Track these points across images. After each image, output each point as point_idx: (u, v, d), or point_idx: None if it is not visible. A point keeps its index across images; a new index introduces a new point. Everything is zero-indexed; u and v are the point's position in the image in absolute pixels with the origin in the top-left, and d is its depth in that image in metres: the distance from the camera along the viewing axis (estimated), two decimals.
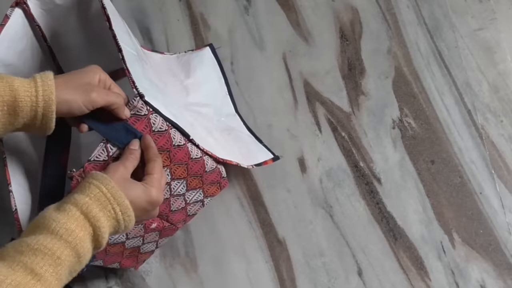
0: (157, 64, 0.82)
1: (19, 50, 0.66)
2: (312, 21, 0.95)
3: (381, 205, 0.84)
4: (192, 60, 0.88)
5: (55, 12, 0.68)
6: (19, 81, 0.49)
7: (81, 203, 0.48)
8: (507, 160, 0.85)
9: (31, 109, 0.49)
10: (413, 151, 0.87)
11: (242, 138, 0.85)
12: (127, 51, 0.60)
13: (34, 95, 0.49)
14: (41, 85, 0.50)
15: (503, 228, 0.82)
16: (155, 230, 0.71)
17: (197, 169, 0.69)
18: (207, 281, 0.82)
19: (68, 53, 0.74)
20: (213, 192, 0.75)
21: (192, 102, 0.82)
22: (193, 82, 0.84)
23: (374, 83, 0.91)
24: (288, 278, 0.82)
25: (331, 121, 0.89)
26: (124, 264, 0.77)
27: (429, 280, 0.80)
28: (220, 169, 0.73)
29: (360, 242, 0.83)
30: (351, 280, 0.81)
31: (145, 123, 0.58)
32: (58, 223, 0.45)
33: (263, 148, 0.86)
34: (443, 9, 0.93)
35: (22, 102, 0.49)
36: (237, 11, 0.97)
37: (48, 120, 0.51)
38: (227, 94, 0.89)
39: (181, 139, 0.64)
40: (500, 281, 0.80)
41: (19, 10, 0.64)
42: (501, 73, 0.89)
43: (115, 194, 0.50)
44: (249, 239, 0.84)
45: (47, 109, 0.50)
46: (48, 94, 0.50)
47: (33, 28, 0.67)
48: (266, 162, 0.82)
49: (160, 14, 0.97)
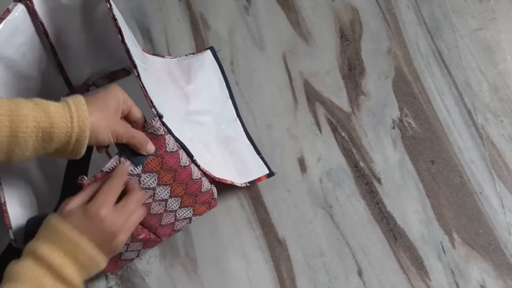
0: (158, 69, 0.82)
1: (17, 44, 0.65)
2: (312, 21, 0.95)
3: (381, 205, 0.84)
4: (193, 65, 0.88)
5: (59, 10, 0.68)
6: (53, 106, 0.49)
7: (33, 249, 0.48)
8: (507, 160, 0.85)
9: (65, 135, 0.49)
10: (413, 151, 0.87)
11: (239, 151, 0.85)
12: (138, 65, 0.60)
13: (69, 121, 0.49)
14: (75, 110, 0.49)
15: (503, 228, 0.82)
16: (141, 240, 0.72)
17: (194, 189, 0.70)
18: (207, 281, 0.82)
19: (69, 51, 0.74)
20: (202, 211, 0.76)
21: (192, 110, 0.83)
22: (194, 88, 0.85)
23: (374, 83, 0.91)
24: (288, 278, 0.82)
25: (331, 121, 0.89)
26: (105, 269, 0.77)
27: (429, 280, 0.80)
28: (213, 190, 0.75)
29: (360, 242, 0.83)
30: (351, 280, 0.81)
31: (161, 143, 0.59)
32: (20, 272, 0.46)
33: (260, 161, 0.86)
34: (443, 9, 0.93)
35: (57, 129, 0.48)
36: (237, 11, 0.97)
37: (81, 146, 0.50)
38: (229, 98, 0.89)
39: (186, 160, 0.65)
40: (500, 281, 0.80)
41: (21, 5, 0.64)
42: (501, 73, 0.89)
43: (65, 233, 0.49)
44: (249, 239, 0.84)
45: (81, 135, 0.50)
46: (82, 120, 0.49)
47: (35, 24, 0.67)
48: (260, 179, 0.83)
49: (160, 14, 0.97)
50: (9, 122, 0.46)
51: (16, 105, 0.47)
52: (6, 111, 0.46)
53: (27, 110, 0.47)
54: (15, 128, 0.46)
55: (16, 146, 0.47)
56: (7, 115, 0.46)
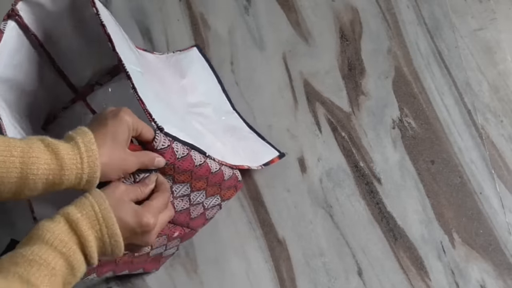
0: (152, 65, 0.82)
1: (16, 63, 0.65)
2: (312, 21, 0.95)
3: (381, 205, 0.84)
4: (181, 61, 0.88)
5: (48, 18, 0.67)
6: (63, 147, 0.48)
7: (72, 218, 0.47)
8: (507, 160, 0.85)
9: (76, 177, 0.49)
10: (413, 151, 0.87)
11: (245, 137, 0.86)
12: (133, 71, 0.59)
13: (80, 163, 0.48)
14: (85, 151, 0.49)
15: (503, 228, 0.82)
16: (177, 237, 0.73)
17: (217, 179, 0.70)
18: (207, 281, 0.82)
19: (67, 56, 0.74)
20: (230, 195, 0.77)
21: (192, 102, 0.83)
22: (189, 81, 0.85)
23: (374, 83, 0.91)
24: (288, 278, 0.82)
25: (331, 121, 0.89)
26: (147, 268, 0.79)
27: (429, 280, 0.80)
28: (236, 174, 0.75)
29: (360, 242, 0.83)
30: (351, 280, 0.81)
31: (170, 153, 0.59)
32: (52, 234, 0.45)
33: (267, 145, 0.86)
34: (443, 9, 0.93)
35: (68, 171, 0.48)
36: (237, 11, 0.97)
37: (92, 185, 0.50)
38: (222, 91, 0.90)
39: (201, 158, 0.65)
40: (500, 281, 0.80)
41: (12, 22, 0.63)
42: (501, 73, 0.89)
43: (106, 215, 0.49)
44: (249, 239, 0.84)
45: (91, 176, 0.49)
46: (93, 161, 0.49)
47: (28, 37, 0.67)
48: (273, 161, 0.84)
49: (160, 14, 0.97)
50: (20, 163, 0.46)
51: (28, 147, 0.46)
52: (19, 152, 0.46)
53: (39, 153, 0.47)
54: (26, 170, 0.46)
55: (26, 187, 0.47)
56: (19, 157, 0.46)
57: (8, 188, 0.47)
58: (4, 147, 0.45)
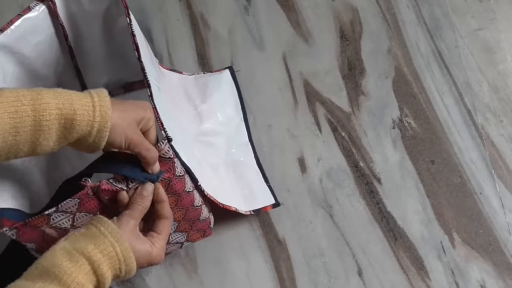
0: (173, 85, 0.81)
1: (34, 42, 0.65)
2: (312, 21, 0.95)
3: (381, 205, 0.84)
4: (209, 83, 0.88)
5: (82, 16, 0.68)
6: (75, 95, 0.48)
7: (94, 258, 0.47)
8: (507, 160, 0.85)
9: (87, 123, 0.48)
10: (413, 151, 0.87)
11: (247, 177, 0.85)
12: (152, 83, 0.60)
13: (92, 110, 0.48)
14: (98, 100, 0.49)
15: (503, 228, 0.82)
16: None
17: (193, 215, 0.70)
18: (207, 281, 0.82)
19: (87, 57, 0.74)
20: (195, 238, 0.76)
21: (204, 130, 0.83)
22: (208, 108, 0.85)
23: (374, 83, 0.91)
24: (288, 278, 0.82)
25: (331, 121, 0.89)
26: None
27: (429, 280, 0.80)
28: (210, 220, 0.75)
29: (360, 242, 0.83)
30: (351, 280, 0.81)
31: (169, 166, 0.59)
32: (70, 276, 0.45)
33: (267, 190, 0.85)
34: (443, 9, 0.93)
35: (80, 116, 0.48)
36: (237, 11, 0.97)
37: (101, 138, 0.50)
38: (242, 120, 0.89)
39: (191, 186, 0.65)
40: (500, 281, 0.80)
41: (43, 6, 0.64)
42: (501, 73, 0.89)
43: (126, 256, 0.50)
44: (249, 239, 0.84)
45: (102, 125, 0.49)
46: (105, 111, 0.49)
47: (55, 25, 0.67)
48: (266, 208, 0.82)
49: (160, 14, 0.97)
50: (32, 111, 0.46)
51: (37, 94, 0.46)
52: (28, 100, 0.46)
53: (49, 98, 0.47)
54: (39, 117, 0.46)
55: (41, 135, 0.47)
56: (30, 105, 0.46)
57: (24, 139, 0.46)
58: (14, 97, 0.45)
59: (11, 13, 1.00)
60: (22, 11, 0.62)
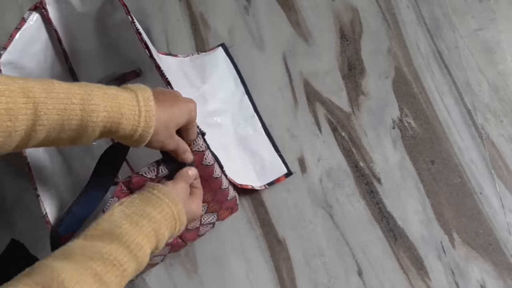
0: (172, 70, 0.82)
1: (32, 53, 0.66)
2: (312, 21, 0.95)
3: (381, 205, 0.84)
4: (206, 63, 0.88)
5: (73, 18, 0.68)
6: (123, 98, 0.48)
7: (154, 219, 0.49)
8: (507, 160, 0.85)
9: (131, 128, 0.48)
10: (413, 151, 0.87)
11: (258, 150, 0.86)
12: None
13: (137, 115, 0.48)
14: (144, 105, 0.49)
15: (503, 228, 0.82)
16: (169, 245, 0.74)
17: (221, 197, 0.72)
18: (207, 281, 0.82)
19: (81, 56, 0.74)
20: (224, 216, 0.80)
21: (211, 110, 0.84)
22: (210, 87, 0.86)
23: (374, 83, 0.91)
24: (288, 278, 0.82)
25: (331, 121, 0.89)
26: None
27: (429, 280, 0.80)
28: (236, 197, 0.78)
29: (360, 242, 0.83)
30: (351, 280, 0.81)
31: (199, 157, 0.60)
32: (131, 237, 0.46)
33: (278, 160, 0.87)
34: (443, 9, 0.93)
35: (126, 120, 0.48)
36: (237, 11, 0.97)
37: (142, 141, 0.50)
38: (245, 94, 0.90)
39: (219, 172, 0.67)
40: (500, 281, 0.80)
41: (36, 14, 0.64)
42: (501, 73, 0.89)
43: (182, 217, 0.52)
44: (249, 239, 0.84)
45: (145, 131, 0.49)
46: (149, 116, 0.49)
47: (49, 31, 0.68)
48: (279, 180, 0.85)
49: (160, 14, 0.97)
50: (81, 111, 0.45)
51: (88, 94, 0.46)
52: (78, 100, 0.45)
53: (98, 100, 0.46)
54: (86, 117, 0.46)
55: (84, 134, 0.47)
56: (79, 104, 0.45)
57: (67, 135, 0.46)
58: (64, 94, 0.45)
59: (11, 13, 1.01)
60: (18, 24, 0.63)
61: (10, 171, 0.90)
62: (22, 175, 0.90)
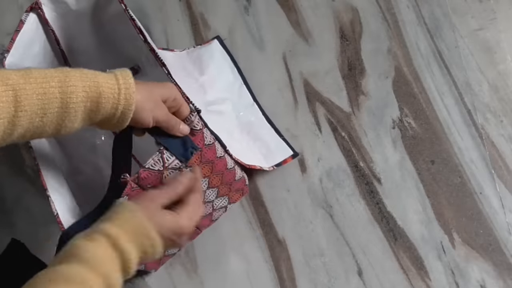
0: (170, 63, 0.82)
1: (33, 54, 0.66)
2: (312, 21, 0.95)
3: (381, 205, 0.84)
4: (203, 55, 0.89)
5: (69, 16, 0.68)
6: (101, 77, 0.48)
7: (109, 232, 0.46)
8: (507, 160, 0.85)
9: (112, 106, 0.49)
10: (413, 151, 0.87)
11: (262, 135, 0.87)
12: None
13: (117, 92, 0.48)
14: (123, 83, 0.49)
15: (503, 228, 0.82)
16: None
17: (229, 178, 0.72)
18: (207, 281, 0.82)
19: (79, 55, 0.74)
20: (236, 198, 0.79)
21: (210, 100, 0.84)
22: (208, 78, 0.86)
23: (374, 83, 0.91)
24: (288, 278, 0.82)
25: (331, 121, 0.89)
26: (148, 267, 0.79)
27: (429, 280, 0.80)
28: (245, 177, 0.78)
29: (360, 242, 0.83)
30: (351, 280, 0.81)
31: (200, 138, 0.60)
32: (88, 253, 0.44)
33: (283, 143, 0.87)
34: (443, 9, 0.93)
35: (105, 99, 0.48)
36: (237, 11, 0.97)
37: (125, 119, 0.50)
38: (243, 84, 0.90)
39: (222, 151, 0.66)
40: (500, 281, 0.80)
41: (33, 15, 0.64)
42: (501, 73, 0.89)
43: (144, 228, 0.49)
44: (249, 239, 0.84)
45: (127, 107, 0.49)
46: (129, 93, 0.49)
47: (46, 32, 0.68)
48: (286, 161, 0.85)
49: (160, 14, 0.97)
50: (60, 93, 0.46)
51: (65, 76, 0.46)
52: (56, 82, 0.46)
53: (76, 81, 0.47)
54: (66, 99, 0.46)
55: (66, 117, 0.47)
56: (58, 87, 0.46)
57: (50, 120, 0.46)
58: (42, 78, 0.45)
59: (11, 13, 1.01)
60: (17, 26, 0.63)
61: (10, 171, 0.90)
62: (22, 175, 0.90)
